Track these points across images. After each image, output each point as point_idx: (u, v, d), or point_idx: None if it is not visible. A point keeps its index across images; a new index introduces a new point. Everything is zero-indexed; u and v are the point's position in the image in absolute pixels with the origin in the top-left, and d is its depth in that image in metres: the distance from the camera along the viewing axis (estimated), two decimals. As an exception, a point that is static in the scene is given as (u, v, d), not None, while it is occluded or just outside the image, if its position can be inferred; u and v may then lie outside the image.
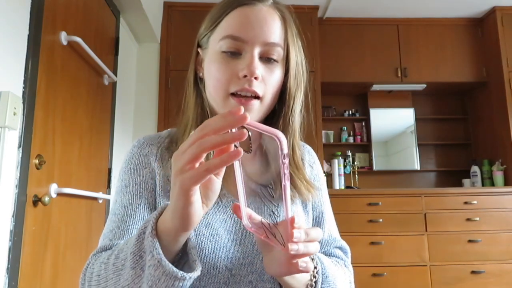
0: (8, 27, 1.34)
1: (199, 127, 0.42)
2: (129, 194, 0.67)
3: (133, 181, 0.68)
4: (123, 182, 0.69)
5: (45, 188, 1.56)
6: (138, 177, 0.68)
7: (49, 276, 1.57)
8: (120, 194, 0.69)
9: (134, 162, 0.70)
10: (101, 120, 2.21)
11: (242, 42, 0.64)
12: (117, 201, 0.69)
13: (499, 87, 3.34)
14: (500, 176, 3.31)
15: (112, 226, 0.65)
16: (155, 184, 0.68)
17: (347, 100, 3.88)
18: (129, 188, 0.68)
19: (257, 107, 0.65)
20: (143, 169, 0.69)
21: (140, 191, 0.67)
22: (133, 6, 2.49)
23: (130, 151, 0.73)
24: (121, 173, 0.72)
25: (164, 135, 0.74)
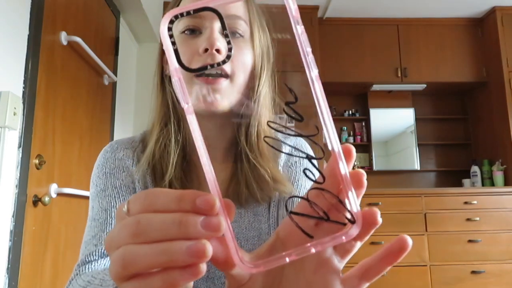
0: (8, 27, 1.34)
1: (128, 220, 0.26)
2: (109, 197, 0.64)
3: (111, 185, 0.65)
4: (98, 187, 0.66)
5: (45, 188, 1.56)
6: (116, 181, 0.65)
7: (49, 276, 1.57)
8: (97, 199, 0.65)
9: (109, 166, 0.66)
10: (101, 120, 2.21)
11: (200, 18, 0.59)
12: (94, 207, 0.65)
13: (499, 87, 3.34)
14: (500, 176, 3.31)
15: (95, 232, 0.62)
16: (135, 190, 0.65)
17: (347, 100, 3.88)
18: (107, 191, 0.64)
19: (226, 87, 0.58)
20: (120, 172, 0.66)
21: (122, 194, 0.64)
22: (133, 6, 2.49)
23: (103, 155, 0.69)
24: (94, 178, 0.68)
25: (137, 139, 0.71)
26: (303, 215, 0.27)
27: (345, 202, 0.27)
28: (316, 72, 0.27)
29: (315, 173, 0.27)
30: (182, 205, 0.25)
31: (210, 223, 0.24)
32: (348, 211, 0.26)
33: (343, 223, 0.27)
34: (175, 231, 0.24)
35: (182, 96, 0.26)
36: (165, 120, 0.65)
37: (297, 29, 0.27)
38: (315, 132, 0.27)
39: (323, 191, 0.27)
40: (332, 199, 0.27)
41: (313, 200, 0.27)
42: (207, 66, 0.27)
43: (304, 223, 0.27)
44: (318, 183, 0.27)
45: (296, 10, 0.27)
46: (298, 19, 0.27)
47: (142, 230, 0.25)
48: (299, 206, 0.28)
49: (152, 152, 0.63)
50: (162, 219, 0.25)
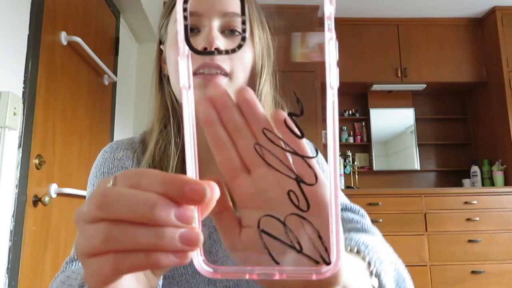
0: (8, 27, 1.33)
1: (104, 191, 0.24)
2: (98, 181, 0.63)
3: None
4: (95, 186, 0.65)
5: (45, 188, 1.56)
6: None
7: (49, 276, 1.57)
8: None
9: (107, 166, 0.65)
10: (101, 120, 2.21)
11: (198, 17, 0.57)
12: None
13: (499, 87, 3.34)
14: (500, 176, 3.31)
15: None
16: None
17: (347, 100, 3.88)
18: None
19: (225, 86, 0.57)
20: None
21: None
22: (133, 6, 2.49)
23: (102, 156, 0.68)
24: (91, 178, 0.66)
25: (137, 140, 0.69)
26: (274, 238, 0.25)
27: (325, 240, 0.24)
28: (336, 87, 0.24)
29: (300, 198, 0.25)
30: (168, 189, 0.23)
31: (184, 214, 0.23)
32: (325, 250, 0.24)
33: (316, 261, 0.24)
34: (145, 213, 0.22)
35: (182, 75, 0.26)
36: (164, 122, 0.64)
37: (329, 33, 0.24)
38: (313, 154, 0.25)
39: (304, 220, 0.25)
40: (312, 232, 0.24)
41: (290, 226, 0.25)
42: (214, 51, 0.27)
43: (274, 244, 0.25)
44: (300, 210, 0.25)
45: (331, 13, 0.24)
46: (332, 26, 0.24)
47: (107, 203, 0.23)
48: (273, 228, 0.25)
49: (152, 155, 0.63)
50: (134, 195, 0.23)
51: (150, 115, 0.67)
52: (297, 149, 0.26)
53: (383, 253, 0.49)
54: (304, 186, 0.25)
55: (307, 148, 0.26)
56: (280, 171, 0.26)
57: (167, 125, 0.64)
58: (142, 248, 0.23)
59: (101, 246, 0.23)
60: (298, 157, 0.25)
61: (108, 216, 0.24)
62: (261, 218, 0.26)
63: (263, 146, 0.27)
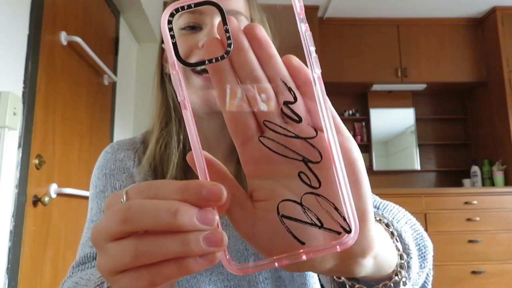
0: (8, 27, 1.33)
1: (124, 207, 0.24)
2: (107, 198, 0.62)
3: (111, 186, 0.63)
4: (98, 188, 0.64)
5: (45, 188, 1.55)
6: (116, 182, 0.64)
7: (49, 276, 1.57)
8: (96, 200, 0.64)
9: (109, 168, 0.65)
10: (101, 120, 2.21)
11: (200, 14, 0.58)
12: (93, 208, 0.64)
13: (499, 87, 3.34)
14: (500, 176, 3.31)
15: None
16: None
17: (347, 100, 3.88)
18: (106, 193, 0.63)
19: None
20: (120, 174, 0.64)
21: None
22: (133, 6, 2.49)
23: (103, 156, 0.68)
24: (93, 179, 0.67)
25: (138, 140, 0.69)
26: (295, 220, 0.26)
27: (341, 210, 0.25)
28: (319, 73, 0.26)
29: (311, 177, 0.26)
30: (186, 195, 0.23)
31: (206, 216, 0.23)
32: (344, 220, 0.25)
33: (337, 232, 0.25)
34: (169, 220, 0.23)
35: (179, 90, 0.26)
36: (165, 120, 0.64)
37: (301, 27, 0.26)
38: (313, 135, 0.26)
39: (318, 197, 0.26)
40: (328, 205, 0.26)
41: (307, 206, 0.26)
42: (205, 61, 0.26)
43: (296, 226, 0.26)
44: (313, 188, 0.26)
45: (301, 7, 0.26)
46: (303, 17, 0.26)
47: (132, 216, 0.23)
48: (292, 210, 0.26)
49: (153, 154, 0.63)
50: (156, 205, 0.23)
51: (151, 114, 0.67)
52: (298, 132, 0.26)
53: (396, 211, 0.50)
54: (311, 165, 0.26)
55: (309, 129, 0.26)
56: (287, 156, 0.26)
57: (168, 124, 0.64)
58: (172, 257, 0.23)
59: (132, 263, 0.23)
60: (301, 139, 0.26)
61: (134, 229, 0.24)
62: (279, 204, 0.26)
63: (267, 137, 0.26)
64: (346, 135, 0.27)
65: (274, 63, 0.26)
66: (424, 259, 0.47)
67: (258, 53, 0.26)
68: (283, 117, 0.26)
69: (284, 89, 0.26)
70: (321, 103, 0.26)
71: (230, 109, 0.26)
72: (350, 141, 0.27)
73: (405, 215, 0.51)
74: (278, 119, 0.26)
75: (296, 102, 0.26)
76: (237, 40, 0.26)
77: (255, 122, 0.27)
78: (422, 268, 0.46)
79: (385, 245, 0.35)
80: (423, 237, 0.49)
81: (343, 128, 0.27)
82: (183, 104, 0.25)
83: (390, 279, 0.36)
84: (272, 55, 0.26)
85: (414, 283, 0.43)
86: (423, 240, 0.49)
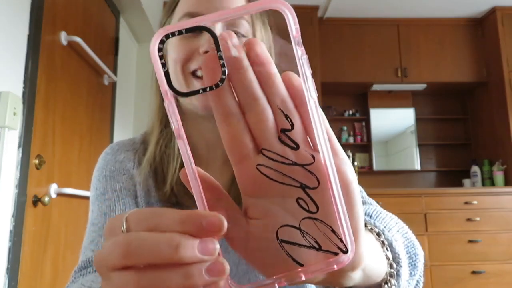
0: (8, 27, 1.33)
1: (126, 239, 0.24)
2: (108, 201, 0.62)
3: (111, 188, 0.63)
4: (98, 190, 0.64)
5: (45, 188, 1.55)
6: (116, 184, 0.63)
7: (49, 276, 1.57)
8: (97, 202, 0.63)
9: (109, 169, 0.65)
10: (101, 120, 2.21)
11: None
12: (93, 211, 0.63)
13: (499, 87, 3.34)
14: (500, 176, 3.31)
15: (93, 236, 0.60)
16: (136, 193, 0.63)
17: (347, 100, 3.88)
18: (106, 195, 0.63)
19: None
20: (121, 175, 0.64)
21: (122, 197, 0.62)
22: (133, 6, 2.49)
23: (103, 158, 0.67)
24: (94, 182, 0.66)
25: (138, 141, 0.69)
26: (294, 244, 0.26)
27: (338, 232, 0.26)
28: (315, 97, 0.26)
29: (309, 202, 0.26)
30: (187, 227, 0.23)
31: (207, 247, 0.23)
32: (341, 241, 0.26)
33: (335, 253, 0.26)
34: (170, 255, 0.23)
35: (172, 119, 0.25)
36: (165, 121, 0.64)
37: (297, 51, 0.25)
38: (310, 161, 0.26)
39: (316, 221, 0.26)
40: (325, 229, 0.26)
41: (305, 230, 0.26)
42: (199, 90, 0.25)
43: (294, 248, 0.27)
44: (311, 213, 0.26)
45: (297, 30, 0.25)
46: (299, 40, 0.25)
47: (133, 252, 0.23)
48: (290, 234, 0.27)
49: (153, 155, 0.62)
50: (157, 239, 0.23)
51: (151, 115, 0.66)
52: (295, 159, 0.26)
53: (388, 220, 0.50)
54: (309, 191, 0.26)
55: (306, 155, 0.26)
56: (285, 183, 0.26)
57: (168, 125, 0.64)
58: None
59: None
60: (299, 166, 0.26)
61: (135, 264, 0.24)
62: (278, 229, 0.27)
63: (264, 165, 0.26)
64: (342, 157, 0.27)
65: (273, 82, 0.26)
66: (414, 267, 0.48)
67: (257, 71, 0.26)
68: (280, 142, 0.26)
69: (281, 115, 0.26)
70: (318, 129, 0.26)
71: (227, 128, 0.26)
72: (345, 162, 0.27)
73: (398, 223, 0.52)
74: (276, 144, 0.26)
75: (294, 129, 0.26)
76: (236, 58, 0.25)
77: (252, 141, 0.27)
78: (412, 276, 0.47)
79: (374, 256, 0.35)
80: (414, 246, 0.50)
81: (339, 150, 0.27)
82: (177, 133, 0.25)
83: (379, 287, 0.37)
84: (271, 73, 0.26)
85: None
86: (414, 248, 0.50)
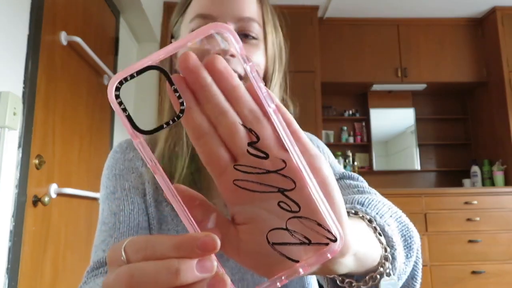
0: (8, 27, 1.33)
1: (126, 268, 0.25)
2: (118, 200, 0.62)
3: (121, 187, 0.63)
4: (108, 189, 0.64)
5: (45, 188, 1.55)
6: (125, 182, 0.64)
7: (49, 276, 1.57)
8: (107, 201, 0.64)
9: (118, 168, 0.65)
10: (101, 120, 2.21)
11: (213, 20, 0.58)
12: (104, 210, 0.64)
13: (499, 87, 3.34)
14: (500, 176, 3.31)
15: (104, 236, 0.60)
16: (145, 190, 0.64)
17: (347, 100, 3.88)
18: (116, 194, 0.63)
19: None
20: (130, 174, 0.65)
21: (131, 196, 0.63)
22: (133, 6, 2.49)
23: (112, 156, 0.67)
24: (103, 180, 0.66)
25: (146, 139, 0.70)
26: (285, 244, 0.28)
27: (324, 224, 0.27)
28: (274, 106, 0.27)
29: (290, 203, 0.27)
30: (182, 253, 0.24)
31: (205, 266, 0.24)
32: (328, 231, 0.27)
33: (325, 244, 0.27)
34: (172, 279, 0.24)
35: (145, 158, 0.26)
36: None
37: (246, 68, 0.26)
38: (282, 166, 0.27)
39: (301, 219, 0.28)
40: (311, 224, 0.27)
41: (292, 229, 0.28)
42: (163, 125, 0.26)
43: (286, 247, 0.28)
44: (294, 212, 0.28)
45: (241, 48, 0.26)
46: (245, 57, 0.26)
47: (136, 283, 0.24)
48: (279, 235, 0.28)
49: (162, 153, 0.63)
50: (156, 268, 0.24)
51: (159, 112, 0.67)
52: (268, 167, 0.27)
53: (381, 206, 0.51)
54: (288, 193, 0.28)
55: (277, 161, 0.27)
56: (264, 191, 0.28)
57: (178, 124, 0.64)
58: None
59: None
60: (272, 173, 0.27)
61: None
62: (268, 233, 0.28)
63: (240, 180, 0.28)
64: (313, 153, 0.28)
65: (238, 94, 0.27)
66: (410, 249, 0.49)
67: (221, 87, 0.27)
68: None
69: (245, 130, 0.27)
70: (282, 134, 0.27)
71: (202, 147, 0.27)
72: (318, 158, 0.28)
73: (391, 208, 0.53)
74: (247, 156, 0.27)
75: (260, 140, 0.27)
76: (199, 76, 0.26)
77: (227, 153, 0.28)
78: (409, 258, 0.49)
79: (366, 241, 0.36)
80: (409, 228, 0.51)
81: (310, 147, 0.28)
82: (153, 169, 0.26)
83: (375, 271, 0.39)
84: (235, 86, 0.27)
85: (401, 273, 0.46)
86: (409, 231, 0.51)
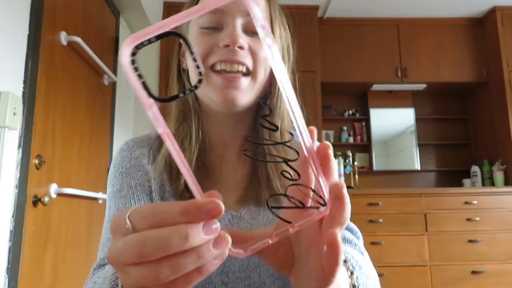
0: (8, 27, 1.33)
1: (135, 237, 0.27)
2: (124, 198, 0.63)
3: (127, 185, 0.64)
4: (115, 187, 0.65)
5: (45, 188, 1.55)
6: (132, 180, 0.64)
7: (49, 276, 1.57)
8: (114, 199, 0.64)
9: (125, 166, 0.66)
10: (101, 120, 2.21)
11: (222, 14, 0.58)
12: (111, 208, 0.64)
13: (499, 87, 3.34)
14: (500, 176, 3.30)
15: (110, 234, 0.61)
16: (151, 188, 0.64)
17: (347, 100, 3.88)
18: (123, 192, 0.64)
19: (246, 85, 0.58)
20: (136, 171, 0.65)
21: (137, 194, 0.63)
22: (133, 6, 2.49)
23: (119, 154, 0.68)
24: (110, 178, 0.67)
25: (153, 137, 0.69)
26: (281, 208, 0.32)
27: (317, 190, 0.31)
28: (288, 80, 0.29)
29: (291, 172, 0.31)
30: (189, 218, 0.26)
31: (211, 229, 0.27)
32: (320, 197, 0.31)
33: (316, 207, 0.31)
34: (183, 245, 0.26)
35: (159, 124, 0.27)
36: (182, 116, 0.65)
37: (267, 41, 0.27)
38: (290, 138, 0.30)
39: (299, 186, 0.32)
40: (307, 190, 0.31)
41: (291, 195, 0.31)
42: (178, 94, 0.28)
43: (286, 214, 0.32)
44: (294, 180, 0.31)
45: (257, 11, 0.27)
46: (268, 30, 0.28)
47: (148, 250, 0.26)
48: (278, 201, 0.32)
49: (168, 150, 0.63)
50: (168, 234, 0.26)
51: (169, 108, 0.67)
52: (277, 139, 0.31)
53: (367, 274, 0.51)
54: (291, 163, 0.32)
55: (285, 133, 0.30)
56: (271, 160, 0.32)
57: (185, 120, 0.65)
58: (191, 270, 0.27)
59: (156, 284, 0.27)
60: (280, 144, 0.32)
61: (152, 259, 0.26)
62: (268, 198, 0.33)
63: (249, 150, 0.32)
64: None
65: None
66: None
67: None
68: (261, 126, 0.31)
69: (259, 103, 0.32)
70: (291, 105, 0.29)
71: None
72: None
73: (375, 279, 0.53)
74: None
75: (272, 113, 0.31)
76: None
77: None
78: None
79: None
80: None
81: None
82: (164, 137, 0.28)
83: None
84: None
85: None
86: None
